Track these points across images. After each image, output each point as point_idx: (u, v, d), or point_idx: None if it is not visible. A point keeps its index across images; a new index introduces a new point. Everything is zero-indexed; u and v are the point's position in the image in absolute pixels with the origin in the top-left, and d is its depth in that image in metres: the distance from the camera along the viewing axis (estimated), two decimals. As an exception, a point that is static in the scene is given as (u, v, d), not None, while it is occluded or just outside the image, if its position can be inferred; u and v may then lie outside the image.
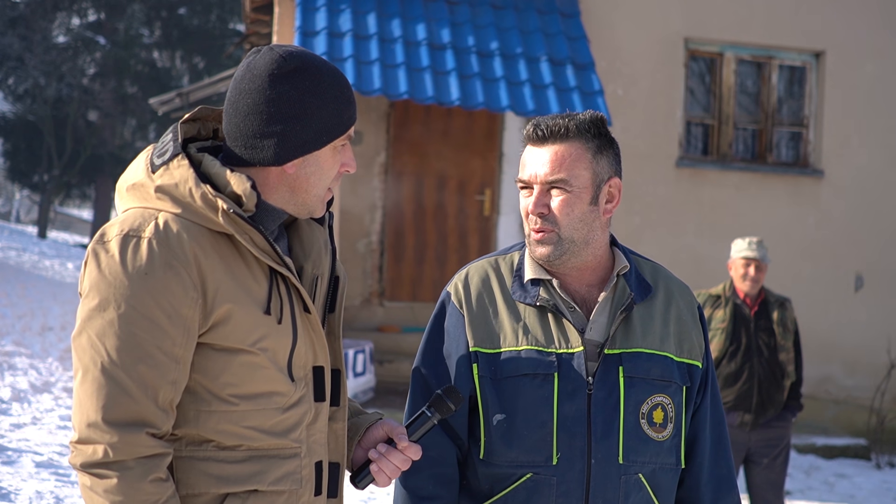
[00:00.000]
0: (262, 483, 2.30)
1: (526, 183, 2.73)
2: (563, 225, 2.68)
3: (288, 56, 2.33)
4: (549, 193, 2.69)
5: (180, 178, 2.27)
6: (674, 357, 2.74)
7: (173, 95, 18.28)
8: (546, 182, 2.69)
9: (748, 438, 6.89)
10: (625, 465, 2.66)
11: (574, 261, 2.72)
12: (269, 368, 2.31)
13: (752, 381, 6.88)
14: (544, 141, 2.70)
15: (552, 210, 2.68)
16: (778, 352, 6.95)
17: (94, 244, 2.25)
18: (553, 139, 2.69)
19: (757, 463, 6.92)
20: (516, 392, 2.66)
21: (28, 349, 12.52)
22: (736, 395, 6.87)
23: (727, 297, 6.96)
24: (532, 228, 2.71)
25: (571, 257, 2.71)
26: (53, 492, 7.05)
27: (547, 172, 2.68)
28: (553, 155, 2.69)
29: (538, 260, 2.73)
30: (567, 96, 10.33)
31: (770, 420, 6.95)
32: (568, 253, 2.70)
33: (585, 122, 2.70)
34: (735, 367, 6.89)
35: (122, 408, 2.17)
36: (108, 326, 2.18)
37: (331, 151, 2.39)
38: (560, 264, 2.72)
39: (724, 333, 6.91)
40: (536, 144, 2.72)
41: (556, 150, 2.69)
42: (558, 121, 2.70)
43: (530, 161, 2.72)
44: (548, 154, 2.69)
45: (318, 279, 2.48)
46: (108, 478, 2.16)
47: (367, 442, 2.56)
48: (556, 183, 2.68)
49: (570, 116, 2.71)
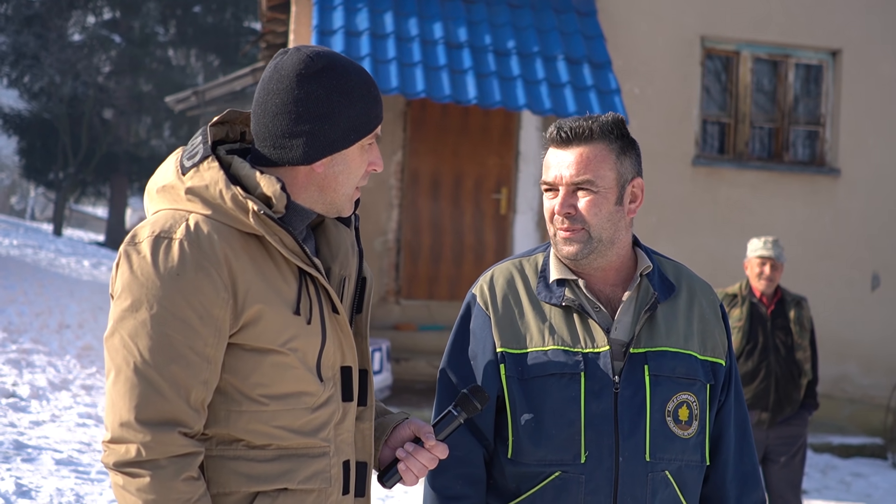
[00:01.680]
0: (291, 482, 2.33)
1: (551, 185, 2.75)
2: (591, 224, 2.71)
3: (315, 56, 2.36)
4: (575, 194, 2.72)
5: (210, 180, 2.30)
6: (698, 355, 2.77)
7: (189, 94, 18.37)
8: (572, 183, 2.71)
9: (765, 437, 6.90)
10: (652, 462, 2.69)
11: (600, 260, 2.75)
12: (298, 368, 2.33)
13: (769, 380, 6.89)
14: (568, 143, 2.73)
15: (579, 210, 2.71)
16: (794, 350, 6.96)
17: (125, 246, 2.28)
18: (577, 141, 2.72)
19: (774, 461, 6.93)
20: (544, 392, 2.69)
21: (46, 346, 12.57)
22: (753, 393, 6.88)
23: (744, 296, 6.97)
24: (559, 228, 2.73)
25: (598, 257, 2.74)
26: (74, 489, 7.09)
27: (573, 174, 2.71)
28: (578, 156, 2.71)
29: (565, 258, 2.75)
30: (584, 95, 10.33)
31: (787, 418, 6.96)
32: (595, 252, 2.73)
33: (608, 123, 2.74)
34: (752, 366, 6.90)
35: (154, 407, 2.20)
36: (140, 327, 2.21)
37: (359, 150, 2.41)
38: (587, 263, 2.75)
39: (740, 332, 6.92)
40: (560, 147, 2.74)
41: (581, 151, 2.72)
42: (581, 123, 2.72)
43: (555, 163, 2.74)
44: (572, 156, 2.72)
45: (345, 280, 2.50)
46: (140, 476, 2.18)
47: (394, 441, 2.59)
48: (582, 184, 2.71)
49: (593, 118, 2.74)
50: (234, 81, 17.88)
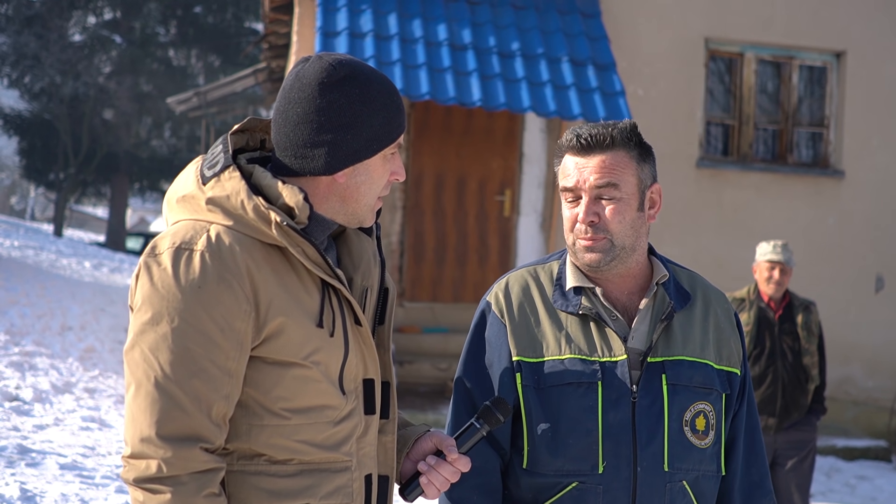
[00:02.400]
0: (313, 497, 2.29)
1: (573, 191, 2.72)
2: (615, 232, 2.69)
3: (337, 64, 2.32)
4: (598, 202, 2.69)
5: (232, 190, 2.26)
6: (714, 364, 2.76)
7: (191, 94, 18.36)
8: (596, 188, 2.69)
9: (773, 441, 6.87)
10: (670, 472, 2.67)
11: (620, 267, 2.73)
12: (321, 382, 2.30)
13: (776, 385, 6.87)
14: (589, 150, 2.70)
15: (603, 217, 2.68)
16: (802, 355, 6.93)
17: (145, 257, 2.25)
18: (598, 148, 2.70)
19: (782, 465, 6.90)
20: (560, 401, 2.67)
21: (48, 349, 12.54)
22: (760, 398, 6.85)
23: (751, 301, 6.94)
24: (581, 237, 2.70)
25: (619, 264, 2.72)
26: (79, 494, 7.05)
27: (597, 181, 2.68)
28: (601, 163, 2.69)
29: (586, 265, 2.73)
30: (588, 97, 10.31)
31: (795, 423, 6.94)
32: (617, 259, 2.71)
33: (627, 130, 2.72)
34: (759, 371, 6.87)
35: (175, 422, 2.17)
36: (161, 340, 2.18)
37: (381, 160, 2.38)
38: (607, 270, 2.72)
39: (747, 336, 6.85)
40: (580, 154, 2.71)
41: (604, 158, 2.70)
42: (601, 130, 2.70)
43: (576, 170, 2.71)
44: (595, 163, 2.69)
45: (367, 291, 2.47)
46: (161, 493, 2.15)
47: (415, 454, 2.56)
48: (606, 191, 2.68)
49: (611, 125, 2.72)
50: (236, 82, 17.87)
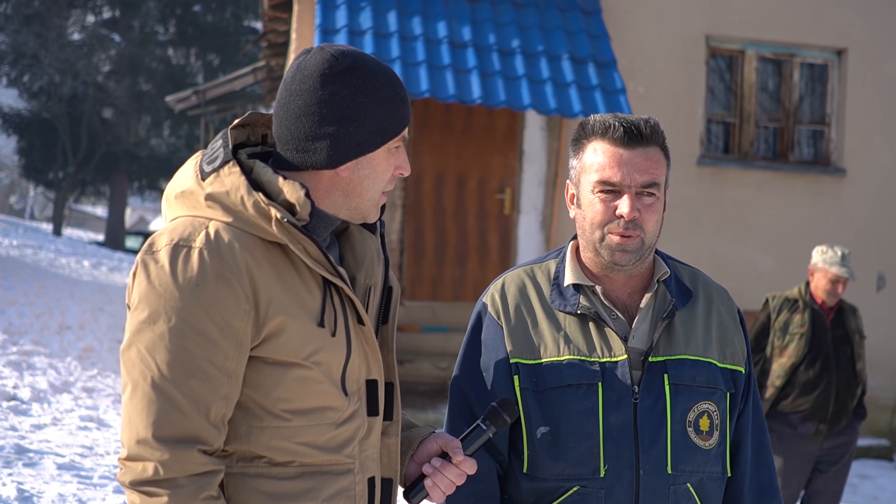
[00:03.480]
0: (315, 500, 2.24)
1: (614, 185, 2.61)
2: (649, 232, 2.62)
3: (339, 55, 2.26)
4: (639, 198, 2.61)
5: (231, 186, 2.20)
6: (717, 363, 2.69)
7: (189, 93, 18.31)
8: (640, 186, 2.60)
9: (819, 447, 6.69)
10: (673, 474, 2.60)
11: (639, 266, 2.68)
12: (322, 383, 2.24)
13: (829, 391, 6.65)
14: (635, 143, 2.60)
15: (641, 215, 2.60)
16: (855, 360, 6.73)
17: (142, 254, 2.19)
18: (643, 142, 2.61)
19: (823, 472, 6.73)
20: (560, 403, 2.61)
21: (47, 348, 12.51)
22: (812, 403, 6.64)
23: (806, 302, 6.71)
24: (618, 232, 2.61)
25: (640, 263, 2.67)
26: (76, 494, 7.01)
27: (643, 176, 2.60)
28: (646, 158, 2.61)
29: (614, 264, 2.64)
30: (589, 94, 10.27)
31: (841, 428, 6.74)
32: (641, 259, 2.65)
33: (659, 126, 2.65)
34: (813, 375, 6.65)
35: (173, 424, 2.11)
36: (158, 340, 2.12)
37: (385, 153, 2.32)
38: (630, 270, 2.66)
39: (802, 339, 6.66)
40: (623, 146, 2.60)
41: (648, 153, 2.62)
42: (641, 122, 2.62)
43: (620, 162, 2.60)
44: (640, 157, 2.60)
45: (371, 290, 2.41)
46: (158, 496, 2.10)
47: (420, 456, 2.50)
48: (650, 188, 2.61)
49: (643, 119, 2.63)
50: (235, 81, 17.82)
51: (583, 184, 2.67)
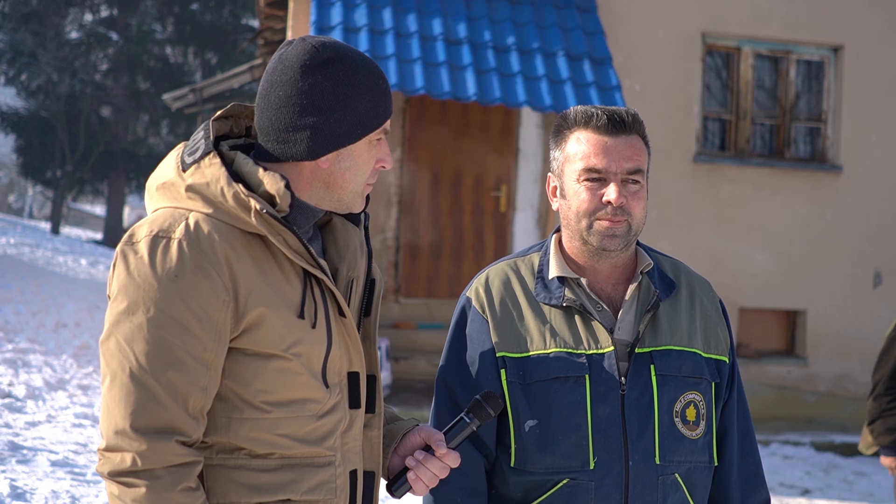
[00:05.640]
0: (295, 492, 2.23)
1: (599, 172, 2.62)
2: (636, 218, 2.64)
3: (321, 46, 2.26)
4: (624, 185, 2.62)
5: (212, 177, 2.20)
6: (702, 353, 2.71)
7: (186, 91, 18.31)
8: (626, 172, 2.62)
9: None
10: (662, 465, 2.61)
11: (623, 254, 2.68)
12: (302, 374, 2.23)
13: None
14: (618, 131, 2.62)
15: (627, 202, 2.61)
16: None
17: (122, 245, 2.19)
18: (626, 130, 2.63)
19: None
20: (548, 396, 2.61)
21: (42, 346, 12.51)
22: None
23: None
24: (608, 218, 2.61)
25: (626, 250, 2.68)
26: (69, 491, 7.00)
27: (628, 162, 2.62)
28: (630, 145, 2.63)
29: (600, 251, 2.65)
30: (584, 91, 10.26)
31: None
32: (628, 245, 2.66)
33: (638, 116, 2.67)
34: None
35: (151, 415, 2.10)
36: (136, 331, 2.11)
37: (366, 145, 2.31)
38: (617, 256, 2.67)
39: None
40: (607, 133, 2.62)
41: (631, 140, 2.64)
42: (623, 112, 2.64)
43: (604, 150, 2.62)
44: (624, 144, 2.62)
45: (353, 282, 2.40)
46: (136, 487, 2.09)
47: (403, 449, 2.49)
48: (635, 174, 2.62)
49: (624, 109, 2.65)
50: (232, 79, 17.82)
51: (567, 174, 2.67)
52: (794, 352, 12.03)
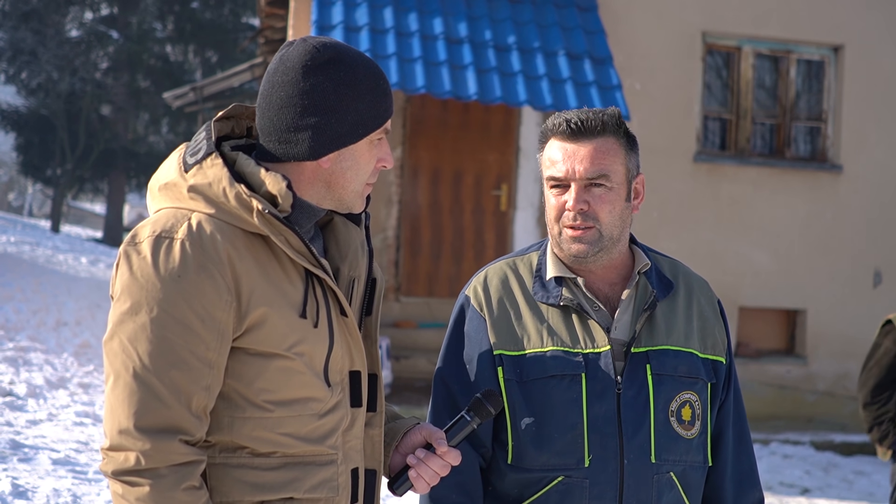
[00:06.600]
0: (297, 491, 2.24)
1: (561, 180, 2.65)
2: (604, 222, 2.63)
3: (322, 47, 2.27)
4: (588, 190, 2.63)
5: (214, 178, 2.21)
6: (698, 353, 2.72)
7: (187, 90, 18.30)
8: (586, 178, 2.62)
9: None
10: (657, 464, 2.63)
11: (605, 258, 2.69)
12: (305, 374, 2.25)
13: None
14: (579, 136, 2.63)
15: (592, 206, 2.62)
16: None
17: (125, 246, 2.20)
18: (589, 134, 2.63)
19: None
20: (544, 394, 2.63)
21: (43, 344, 12.51)
22: None
23: None
24: (569, 225, 2.64)
25: (605, 254, 2.67)
26: (71, 489, 7.01)
27: (588, 168, 2.62)
28: (592, 150, 2.63)
29: (572, 257, 2.67)
30: (585, 90, 10.27)
31: None
32: (604, 250, 2.66)
33: (615, 116, 2.67)
34: None
35: (154, 414, 2.12)
36: (140, 331, 2.13)
37: (367, 145, 2.33)
38: (593, 261, 2.68)
39: None
40: (569, 140, 2.64)
41: (595, 145, 2.63)
42: (590, 115, 2.64)
43: (565, 156, 2.64)
44: (585, 149, 2.63)
45: (354, 281, 2.42)
46: (140, 486, 2.10)
47: (404, 447, 2.50)
48: (597, 179, 2.62)
49: (599, 111, 2.66)
50: (232, 77, 17.82)
51: (544, 181, 2.73)
52: (794, 351, 12.05)
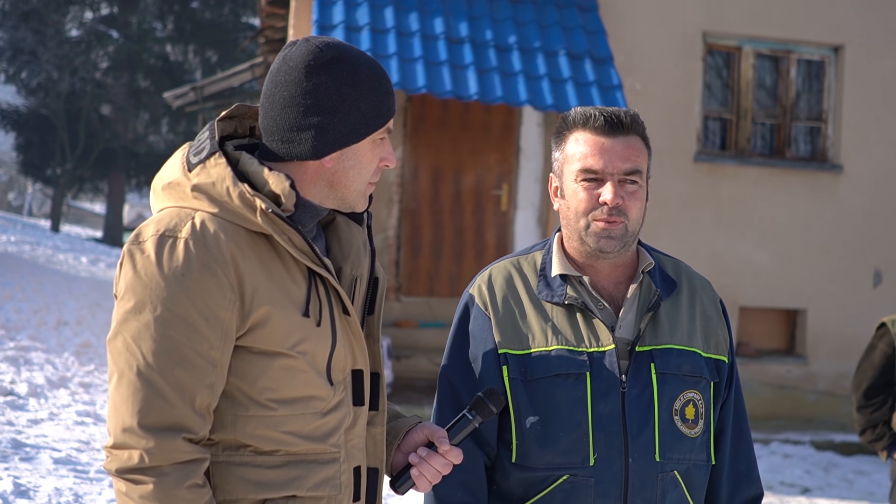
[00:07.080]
0: (300, 489, 2.26)
1: (596, 173, 2.65)
2: (632, 219, 2.66)
3: (325, 46, 2.28)
4: (622, 185, 2.64)
5: (217, 177, 2.22)
6: (702, 353, 2.74)
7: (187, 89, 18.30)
8: (623, 173, 2.64)
9: None
10: (661, 462, 2.64)
11: (623, 255, 2.71)
12: (307, 372, 2.26)
13: None
14: (616, 131, 2.65)
15: (625, 202, 2.64)
16: None
17: (129, 245, 2.21)
18: (623, 131, 2.65)
19: None
20: (549, 393, 2.64)
21: (44, 344, 12.52)
22: None
23: None
24: (602, 219, 2.64)
25: (626, 251, 2.70)
26: (72, 489, 7.02)
27: (625, 163, 2.64)
28: (627, 146, 2.65)
29: (599, 250, 2.67)
30: (585, 90, 10.27)
31: None
32: (626, 246, 2.69)
33: (639, 117, 2.70)
34: None
35: (158, 412, 2.13)
36: (143, 329, 2.14)
37: (370, 144, 2.34)
38: (615, 257, 2.70)
39: None
40: (605, 134, 2.65)
41: (629, 141, 2.66)
42: (622, 112, 2.66)
43: (601, 150, 2.64)
44: (621, 145, 2.64)
45: (357, 280, 2.43)
46: (143, 484, 2.11)
47: (406, 446, 2.51)
48: (632, 176, 2.64)
49: (623, 111, 2.68)
50: (233, 77, 17.81)
51: (566, 174, 2.71)
52: (794, 351, 12.05)
